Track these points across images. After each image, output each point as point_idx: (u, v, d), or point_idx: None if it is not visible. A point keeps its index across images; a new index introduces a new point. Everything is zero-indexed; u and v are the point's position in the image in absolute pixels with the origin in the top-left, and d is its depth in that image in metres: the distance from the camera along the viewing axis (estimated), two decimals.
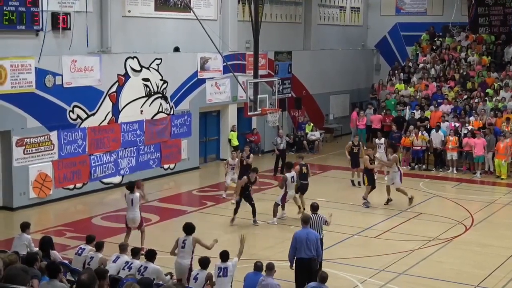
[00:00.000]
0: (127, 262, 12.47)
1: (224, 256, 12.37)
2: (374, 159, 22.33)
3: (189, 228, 13.67)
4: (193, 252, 13.48)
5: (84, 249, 12.93)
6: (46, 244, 12.74)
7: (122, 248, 13.10)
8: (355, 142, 24.63)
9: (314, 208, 14.92)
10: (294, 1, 34.49)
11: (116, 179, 23.90)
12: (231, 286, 12.33)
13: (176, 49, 26.69)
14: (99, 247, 12.77)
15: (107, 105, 23.36)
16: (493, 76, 31.97)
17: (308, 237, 13.38)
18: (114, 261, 12.66)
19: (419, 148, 27.60)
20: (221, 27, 28.65)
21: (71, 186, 22.34)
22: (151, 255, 12.33)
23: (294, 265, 13.49)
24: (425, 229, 19.20)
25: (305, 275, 13.19)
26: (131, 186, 17.08)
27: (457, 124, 27.90)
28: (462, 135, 27.26)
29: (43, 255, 12.13)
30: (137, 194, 16.86)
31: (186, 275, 12.93)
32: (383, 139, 25.65)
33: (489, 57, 33.90)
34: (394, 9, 40.21)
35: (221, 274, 12.19)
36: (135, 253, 12.77)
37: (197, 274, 12.07)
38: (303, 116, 32.94)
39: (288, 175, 19.75)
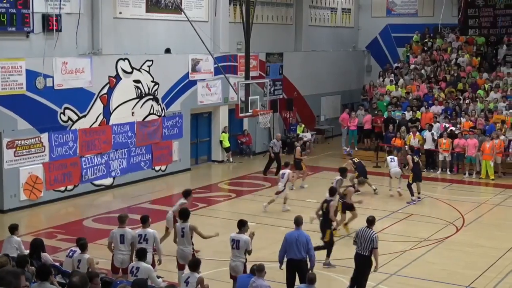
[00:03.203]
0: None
1: (240, 224, 13.08)
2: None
3: (184, 214, 13.86)
4: (191, 238, 13.69)
5: (75, 251, 12.86)
6: (37, 246, 12.69)
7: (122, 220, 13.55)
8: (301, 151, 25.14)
9: (370, 221, 14.17)
10: (285, 3, 34.52)
11: (107, 181, 23.86)
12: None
13: (167, 51, 26.67)
14: (82, 247, 12.67)
15: (98, 107, 23.32)
16: (483, 77, 32.12)
17: (298, 239, 13.36)
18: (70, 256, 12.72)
19: (415, 148, 27.66)
20: (212, 28, 28.65)
21: (62, 188, 22.29)
22: (142, 255, 12.30)
23: (283, 265, 13.48)
24: (416, 230, 19.25)
25: (295, 276, 13.22)
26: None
27: (447, 125, 28.00)
28: (447, 135, 27.37)
29: (34, 258, 12.11)
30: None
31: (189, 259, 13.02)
32: (396, 159, 23.86)
33: (479, 58, 34.06)
34: (385, 11, 40.30)
35: (234, 246, 12.91)
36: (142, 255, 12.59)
37: (188, 277, 12.04)
38: (294, 118, 32.96)
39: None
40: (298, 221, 13.71)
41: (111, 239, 13.62)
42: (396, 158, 23.52)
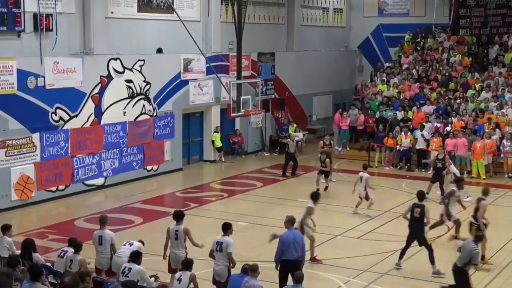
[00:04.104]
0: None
1: (225, 227, 13.02)
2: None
3: (179, 216, 13.83)
4: (185, 241, 13.63)
5: (67, 251, 12.84)
6: (28, 246, 12.67)
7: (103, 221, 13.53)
8: (326, 142, 25.03)
9: (478, 238, 13.90)
10: (277, 2, 34.53)
11: (99, 181, 23.82)
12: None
13: (159, 51, 26.64)
14: (77, 248, 12.66)
15: (89, 106, 23.27)
16: (475, 77, 32.22)
17: (295, 239, 13.40)
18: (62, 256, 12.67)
19: (406, 147, 27.75)
20: (204, 28, 28.63)
21: (54, 188, 22.23)
22: (136, 257, 12.27)
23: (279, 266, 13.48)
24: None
25: (288, 277, 13.22)
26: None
27: (439, 125, 28.09)
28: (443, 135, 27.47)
29: (26, 258, 12.08)
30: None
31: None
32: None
33: (471, 58, 34.16)
34: (376, 10, 40.38)
35: (218, 248, 12.80)
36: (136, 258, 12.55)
37: (181, 275, 12.06)
38: (286, 117, 32.98)
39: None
40: (292, 221, 13.71)
41: (93, 241, 13.61)
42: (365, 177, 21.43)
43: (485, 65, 33.64)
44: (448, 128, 27.78)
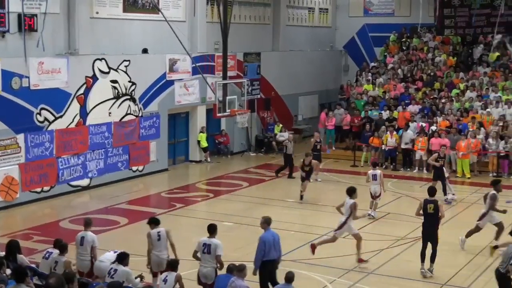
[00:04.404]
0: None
1: (211, 229, 12.89)
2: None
3: (156, 221, 13.89)
4: (167, 242, 13.58)
5: (52, 252, 12.78)
6: (13, 248, 12.58)
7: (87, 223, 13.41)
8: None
9: None
10: (263, 2, 34.55)
11: (84, 182, 23.74)
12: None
13: (145, 51, 26.59)
14: (62, 249, 12.60)
15: (74, 107, 23.18)
16: (459, 77, 32.38)
17: (275, 239, 13.44)
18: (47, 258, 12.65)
19: (392, 147, 27.84)
20: (189, 28, 28.59)
21: (39, 189, 22.14)
22: (122, 258, 12.23)
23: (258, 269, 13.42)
24: (393, 229, 19.36)
25: (269, 276, 13.26)
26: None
27: (424, 124, 28.20)
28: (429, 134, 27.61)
29: (10, 259, 12.01)
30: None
31: (164, 267, 12.90)
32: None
33: (456, 58, 34.33)
34: (362, 10, 40.49)
35: (205, 250, 12.71)
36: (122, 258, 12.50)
37: (166, 276, 12.05)
38: (272, 117, 33.00)
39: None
40: (268, 221, 13.66)
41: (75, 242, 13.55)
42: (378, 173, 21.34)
43: (470, 64, 33.81)
44: (433, 128, 27.90)
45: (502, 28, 32.06)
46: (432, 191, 15.87)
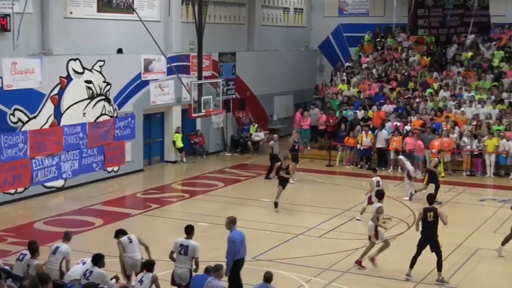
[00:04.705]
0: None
1: (188, 230, 12.83)
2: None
3: (123, 231, 13.71)
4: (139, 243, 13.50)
5: (26, 254, 12.66)
6: None
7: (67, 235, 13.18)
8: (295, 139, 25.01)
9: None
10: (238, 2, 34.54)
11: (59, 183, 23.56)
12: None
13: (119, 51, 26.46)
14: (33, 252, 12.45)
15: (49, 107, 23.00)
16: (433, 76, 32.63)
17: (242, 237, 13.51)
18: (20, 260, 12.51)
19: (367, 146, 27.98)
20: (164, 28, 28.51)
21: (12, 191, 21.93)
22: (97, 259, 12.17)
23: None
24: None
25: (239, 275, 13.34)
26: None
27: (398, 124, 28.38)
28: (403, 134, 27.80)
29: None
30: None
31: (139, 269, 12.85)
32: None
33: (429, 58, 34.59)
34: (337, 10, 40.63)
35: (182, 251, 12.64)
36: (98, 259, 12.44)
37: (142, 277, 12.01)
38: (247, 117, 33.02)
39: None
40: (234, 221, 13.64)
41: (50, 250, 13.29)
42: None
43: (444, 64, 34.09)
44: (408, 127, 28.09)
45: (475, 28, 32.34)
46: (431, 199, 15.61)
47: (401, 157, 24.09)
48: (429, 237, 15.13)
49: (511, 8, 35.95)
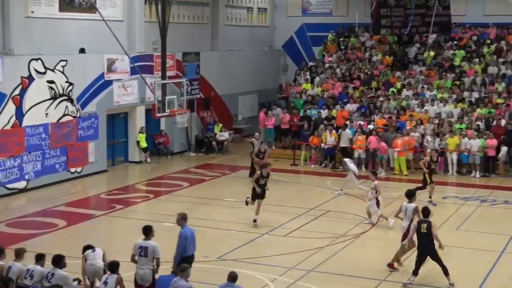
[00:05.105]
0: (28, 270, 12.08)
1: (147, 231, 12.76)
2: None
3: (90, 246, 13.37)
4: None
5: None
6: None
7: (18, 253, 12.59)
8: (262, 149, 24.64)
9: None
10: (201, 2, 34.47)
11: (21, 184, 23.28)
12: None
13: (82, 51, 26.24)
14: None
15: (10, 108, 22.71)
16: (396, 76, 32.91)
17: (192, 234, 13.62)
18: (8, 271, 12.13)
19: (331, 145, 28.11)
20: (127, 28, 28.35)
21: None
22: (58, 261, 12.06)
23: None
24: (333, 226, 19.54)
25: None
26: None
27: (361, 123, 28.57)
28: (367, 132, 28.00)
29: None
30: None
31: (101, 275, 12.69)
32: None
33: (392, 57, 34.88)
34: (300, 10, 40.76)
35: (142, 253, 12.56)
36: (38, 259, 12.36)
37: (107, 278, 11.93)
38: (212, 117, 32.97)
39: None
40: (185, 217, 13.77)
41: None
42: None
43: (406, 63, 34.41)
44: (371, 126, 28.31)
45: (437, 28, 32.70)
46: (426, 212, 15.30)
47: (345, 159, 24.14)
48: (427, 249, 14.93)
49: (472, 8, 36.46)
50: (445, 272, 14.88)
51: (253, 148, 25.95)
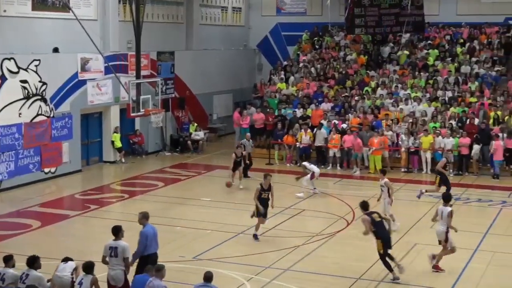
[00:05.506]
0: None
1: (116, 231, 12.70)
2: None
3: (68, 258, 12.91)
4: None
5: None
6: None
7: None
8: (238, 154, 24.27)
9: None
10: (176, 1, 34.38)
11: None
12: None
13: (55, 50, 26.06)
14: None
15: None
16: (370, 75, 33.07)
17: (155, 233, 13.60)
18: None
19: (306, 144, 28.17)
20: (101, 27, 28.20)
21: None
22: (32, 262, 11.97)
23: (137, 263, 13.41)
24: (308, 225, 19.61)
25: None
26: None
27: (336, 122, 28.67)
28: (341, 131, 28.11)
29: None
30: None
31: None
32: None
33: (366, 56, 35.06)
34: (275, 10, 40.84)
35: (112, 254, 12.51)
36: (6, 260, 12.24)
37: (82, 279, 11.86)
38: (187, 116, 32.89)
39: None
40: (147, 216, 13.76)
41: None
42: None
43: (380, 63, 34.60)
44: (345, 125, 28.43)
45: (410, 27, 32.92)
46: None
47: (304, 163, 24.11)
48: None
49: (445, 8, 36.81)
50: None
51: (244, 149, 25.93)
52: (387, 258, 15.14)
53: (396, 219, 18.81)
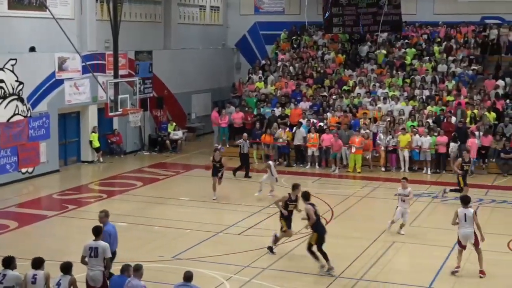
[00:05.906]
0: None
1: (96, 231, 12.71)
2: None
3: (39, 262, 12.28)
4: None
5: None
6: None
7: None
8: (216, 158, 23.57)
9: None
10: (154, 0, 34.29)
11: None
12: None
13: (32, 49, 25.88)
14: None
15: None
16: (348, 74, 33.18)
17: (115, 230, 13.77)
18: None
19: (284, 143, 28.20)
20: (79, 26, 28.04)
21: None
22: (9, 263, 11.86)
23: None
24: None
25: None
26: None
27: (315, 121, 28.74)
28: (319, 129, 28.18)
29: None
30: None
31: None
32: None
33: (344, 55, 35.17)
34: (253, 9, 40.87)
35: (92, 254, 12.48)
36: None
37: (60, 280, 11.78)
38: (165, 116, 32.81)
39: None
40: (108, 215, 13.92)
41: None
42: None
43: (358, 62, 34.73)
44: (322, 124, 28.51)
45: (387, 26, 33.08)
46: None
47: (270, 162, 24.03)
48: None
49: (422, 7, 37.06)
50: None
51: (240, 150, 25.86)
52: (313, 250, 15.56)
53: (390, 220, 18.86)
